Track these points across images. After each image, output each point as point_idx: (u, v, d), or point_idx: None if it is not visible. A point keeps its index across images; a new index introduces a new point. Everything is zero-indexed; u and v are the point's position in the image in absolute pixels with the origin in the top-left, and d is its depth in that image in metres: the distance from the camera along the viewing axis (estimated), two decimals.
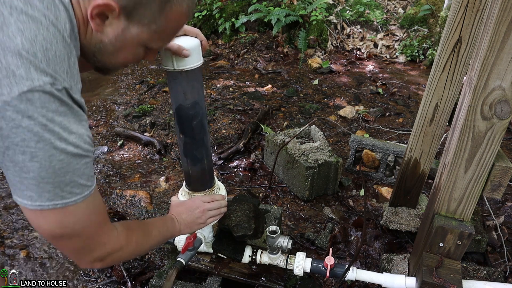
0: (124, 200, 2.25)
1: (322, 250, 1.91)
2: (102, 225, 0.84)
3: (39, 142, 0.66)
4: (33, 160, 0.67)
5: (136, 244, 0.95)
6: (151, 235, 1.05)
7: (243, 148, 2.71)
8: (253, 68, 4.35)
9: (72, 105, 0.70)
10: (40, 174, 0.68)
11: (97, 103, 3.50)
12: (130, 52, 0.82)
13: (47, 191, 0.70)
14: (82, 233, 0.79)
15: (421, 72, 4.38)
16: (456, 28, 1.36)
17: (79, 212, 0.76)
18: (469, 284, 1.27)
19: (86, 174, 0.75)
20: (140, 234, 0.99)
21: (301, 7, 4.67)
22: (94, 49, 0.79)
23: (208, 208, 1.29)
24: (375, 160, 2.42)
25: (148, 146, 2.80)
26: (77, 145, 0.71)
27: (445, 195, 1.24)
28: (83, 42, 0.77)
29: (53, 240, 0.80)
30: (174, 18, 0.79)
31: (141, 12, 0.74)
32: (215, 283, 1.51)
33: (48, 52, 0.66)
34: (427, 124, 1.58)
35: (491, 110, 1.05)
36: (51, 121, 0.66)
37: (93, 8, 0.70)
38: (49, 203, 0.71)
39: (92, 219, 0.80)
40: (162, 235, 1.11)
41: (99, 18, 0.72)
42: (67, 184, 0.71)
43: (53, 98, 0.66)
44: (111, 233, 0.87)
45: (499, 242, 1.89)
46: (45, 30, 0.66)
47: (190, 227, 1.23)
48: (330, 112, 3.38)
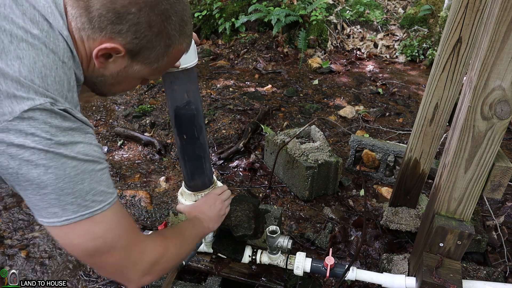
0: (124, 200, 2.25)
1: (322, 250, 1.90)
2: (135, 233, 0.83)
3: (48, 153, 0.67)
4: (48, 172, 0.67)
5: (175, 247, 0.95)
6: (186, 236, 1.05)
7: (243, 148, 2.71)
8: (253, 68, 4.35)
9: (76, 120, 0.71)
10: (58, 185, 0.68)
11: (97, 103, 3.50)
12: (129, 84, 0.87)
13: (69, 203, 0.70)
14: (117, 243, 0.78)
15: (421, 72, 4.38)
16: (456, 28, 1.36)
17: (107, 220, 0.76)
18: (469, 284, 1.27)
19: (105, 181, 0.75)
20: (174, 238, 0.98)
21: (301, 7, 4.67)
22: (95, 81, 0.83)
23: (224, 199, 1.32)
24: (375, 160, 2.42)
25: (148, 146, 2.80)
26: (87, 153, 0.72)
27: (445, 195, 1.24)
28: (85, 74, 0.79)
29: (90, 258, 0.78)
30: (174, 56, 0.84)
31: (146, 54, 0.78)
32: (215, 283, 1.51)
33: (47, 78, 0.68)
34: (427, 124, 1.58)
35: (491, 110, 1.05)
36: (55, 136, 0.67)
37: (100, 50, 0.73)
38: (75, 216, 0.71)
39: (123, 226, 0.80)
40: (195, 235, 1.11)
41: (103, 57, 0.75)
42: (87, 192, 0.72)
43: (54, 115, 0.67)
44: (147, 241, 0.86)
45: (499, 242, 1.89)
46: (45, 56, 0.68)
47: (216, 221, 1.26)
48: (330, 112, 3.38)
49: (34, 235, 1.98)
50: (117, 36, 0.73)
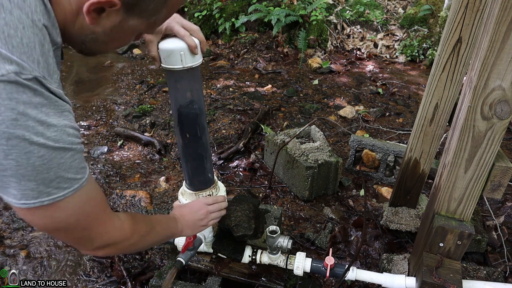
0: (124, 200, 2.25)
1: (322, 250, 1.90)
2: (100, 216, 0.80)
3: (10, 140, 0.58)
4: (7, 158, 0.60)
5: (139, 236, 0.93)
6: (155, 230, 1.03)
7: (243, 148, 2.71)
8: (253, 68, 4.35)
9: (49, 95, 0.62)
10: (18, 172, 0.61)
11: (97, 103, 3.50)
12: (123, 40, 0.78)
13: (30, 189, 0.64)
14: (78, 225, 0.75)
15: (421, 72, 4.38)
16: (456, 28, 1.36)
17: (70, 206, 0.70)
18: (469, 284, 1.27)
19: (74, 168, 0.68)
20: (144, 227, 0.96)
21: (301, 7, 4.67)
22: (85, 39, 0.73)
23: (211, 210, 1.28)
24: (375, 160, 2.42)
25: (148, 146, 2.80)
26: (58, 139, 0.63)
27: (445, 195, 1.24)
28: (70, 31, 0.70)
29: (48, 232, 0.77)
30: (172, 7, 0.75)
31: (143, 6, 0.69)
32: (215, 283, 1.51)
33: (12, 39, 0.57)
34: (427, 124, 1.58)
35: (491, 110, 1.05)
36: (23, 115, 0.58)
37: (92, 4, 0.64)
38: (34, 201, 0.65)
39: (86, 211, 0.75)
40: (165, 233, 1.10)
41: (95, 12, 0.66)
42: (52, 180, 0.65)
43: (22, 88, 0.58)
44: (112, 223, 0.84)
45: (499, 242, 1.89)
46: (8, 13, 0.58)
47: (192, 228, 1.23)
48: (330, 112, 3.38)
49: (34, 235, 1.98)
50: None
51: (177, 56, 1.06)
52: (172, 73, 1.12)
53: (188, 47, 1.06)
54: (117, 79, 4.08)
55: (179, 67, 1.09)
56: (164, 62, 1.09)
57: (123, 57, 4.82)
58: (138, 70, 4.33)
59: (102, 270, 1.78)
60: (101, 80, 4.05)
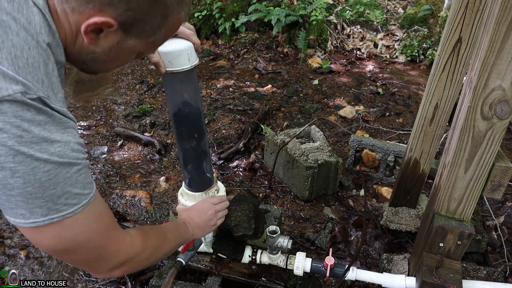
0: (124, 200, 2.25)
1: (322, 250, 1.90)
2: (110, 233, 0.79)
3: (16, 156, 0.59)
4: (14, 176, 0.60)
5: (152, 248, 0.92)
6: (167, 239, 1.01)
7: (243, 148, 2.71)
8: (253, 68, 4.35)
9: (53, 112, 0.63)
10: (26, 189, 0.62)
11: (97, 103, 3.50)
12: (123, 59, 0.79)
13: (38, 206, 0.64)
14: (88, 244, 0.74)
15: (421, 72, 4.38)
16: (456, 28, 1.36)
17: (78, 223, 0.70)
18: (469, 284, 1.27)
19: (80, 182, 0.68)
20: (155, 238, 0.95)
21: (301, 7, 4.67)
22: (85, 59, 0.74)
23: (218, 210, 1.29)
24: (375, 160, 2.42)
25: (148, 146, 2.80)
26: (63, 155, 0.64)
27: (445, 195, 1.24)
28: (71, 51, 0.71)
29: (58, 255, 0.75)
30: (172, 27, 0.76)
31: (141, 27, 0.70)
32: (215, 283, 1.51)
33: (18, 60, 0.59)
34: (427, 124, 1.58)
35: (491, 110, 1.05)
36: (27, 132, 0.59)
37: (89, 25, 0.64)
38: (43, 219, 0.65)
39: (95, 228, 0.74)
40: (177, 240, 1.09)
41: (93, 33, 0.67)
42: (60, 196, 0.65)
43: (26, 107, 0.59)
44: (123, 240, 0.82)
45: (499, 242, 1.89)
46: (15, 35, 0.59)
47: (202, 230, 1.23)
48: (330, 112, 3.37)
49: None
50: (107, 8, 0.63)
51: (185, 56, 1.06)
52: (178, 74, 1.10)
53: (194, 46, 1.07)
54: (117, 79, 4.08)
55: (187, 67, 1.08)
56: (170, 65, 1.07)
57: None
58: (138, 70, 4.33)
59: None
60: (101, 80, 4.05)
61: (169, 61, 1.06)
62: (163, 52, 1.05)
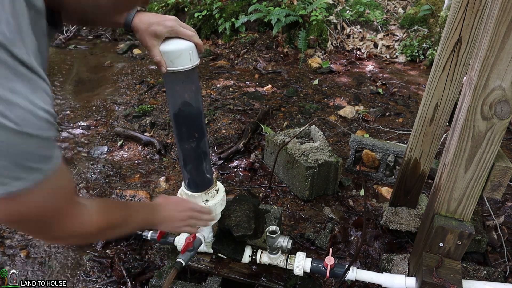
0: (124, 200, 2.25)
1: (322, 250, 1.90)
2: (66, 210, 0.71)
3: None
4: None
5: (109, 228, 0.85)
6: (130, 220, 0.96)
7: (243, 148, 2.71)
8: (253, 68, 4.35)
9: (15, 63, 0.50)
10: None
11: (97, 103, 3.50)
12: None
13: None
14: (39, 219, 0.66)
15: (421, 72, 4.38)
16: (456, 28, 1.36)
17: (29, 199, 0.61)
18: (469, 284, 1.27)
19: (39, 155, 0.58)
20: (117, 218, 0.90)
21: (301, 7, 4.67)
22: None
23: (192, 216, 1.23)
24: (375, 160, 2.42)
25: (148, 146, 2.80)
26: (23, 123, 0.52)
27: (445, 195, 1.24)
28: None
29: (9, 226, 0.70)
30: None
31: None
32: (215, 283, 1.51)
33: None
34: (427, 124, 1.58)
35: (491, 110, 1.05)
36: None
37: None
38: None
39: (49, 204, 0.66)
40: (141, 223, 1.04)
41: None
42: (6, 168, 0.54)
43: None
44: (79, 217, 0.75)
45: (499, 242, 1.89)
46: None
47: (166, 223, 1.16)
48: (330, 112, 3.37)
49: None
50: None
51: (186, 55, 1.06)
52: (179, 74, 1.10)
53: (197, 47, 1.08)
54: (117, 79, 4.08)
55: (188, 66, 1.08)
56: (171, 65, 1.07)
57: (123, 57, 4.82)
58: (138, 70, 4.34)
59: (102, 270, 1.78)
60: (101, 80, 4.05)
61: (171, 60, 1.07)
62: (165, 51, 1.05)
